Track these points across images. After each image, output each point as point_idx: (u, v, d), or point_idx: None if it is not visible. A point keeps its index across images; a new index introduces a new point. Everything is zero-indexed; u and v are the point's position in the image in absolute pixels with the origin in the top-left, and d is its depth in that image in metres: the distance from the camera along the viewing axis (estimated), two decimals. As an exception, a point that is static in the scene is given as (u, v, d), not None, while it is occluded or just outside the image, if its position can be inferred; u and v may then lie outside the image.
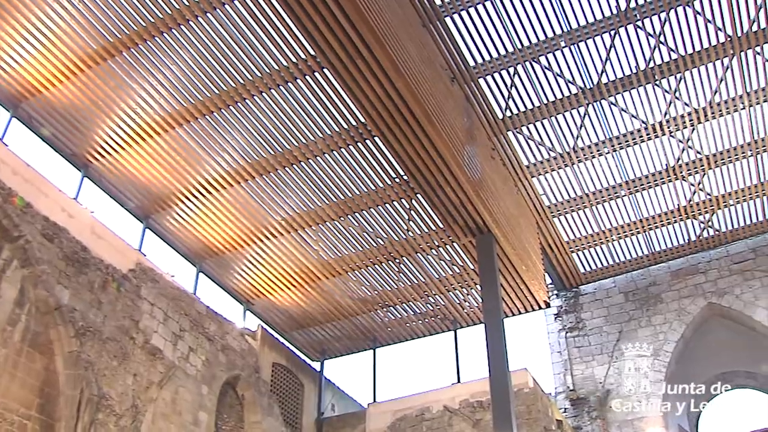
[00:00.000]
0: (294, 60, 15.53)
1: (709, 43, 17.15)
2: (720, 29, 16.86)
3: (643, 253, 23.28)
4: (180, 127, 17.25)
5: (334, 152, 17.58)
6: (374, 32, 12.28)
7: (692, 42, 17.13)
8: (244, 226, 19.63)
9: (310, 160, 17.83)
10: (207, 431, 17.08)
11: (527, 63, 17.43)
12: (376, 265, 20.82)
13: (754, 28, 16.83)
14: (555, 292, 24.31)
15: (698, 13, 16.52)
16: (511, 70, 17.56)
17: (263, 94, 16.39)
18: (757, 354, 21.90)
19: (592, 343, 23.11)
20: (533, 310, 20.41)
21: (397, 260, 20.56)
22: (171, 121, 17.07)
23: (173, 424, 15.89)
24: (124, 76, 16.29)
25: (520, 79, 17.77)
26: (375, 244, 20.17)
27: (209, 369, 17.66)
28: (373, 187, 18.45)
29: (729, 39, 17.03)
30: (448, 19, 16.28)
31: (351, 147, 17.39)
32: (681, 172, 20.31)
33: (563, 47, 17.20)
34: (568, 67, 17.67)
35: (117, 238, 16.48)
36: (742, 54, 17.36)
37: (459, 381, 21.09)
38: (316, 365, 23.98)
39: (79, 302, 14.29)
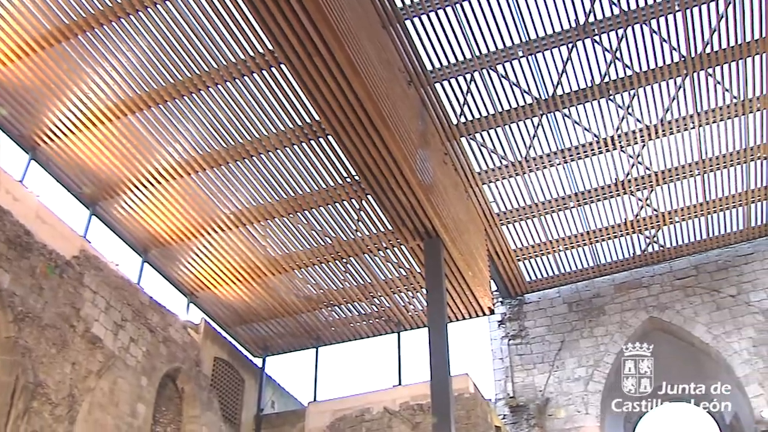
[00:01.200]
0: (251, 54, 15.43)
1: (664, 62, 17.44)
2: (675, 49, 17.14)
3: (588, 264, 23.54)
4: (132, 115, 17.03)
5: (287, 148, 17.51)
6: (334, 30, 12.25)
7: (647, 60, 17.39)
8: (193, 218, 19.45)
9: (262, 155, 17.74)
10: (144, 423, 16.87)
11: (484, 70, 17.53)
12: (323, 264, 20.78)
13: (708, 50, 17.17)
14: (500, 299, 24.47)
15: (655, 31, 16.78)
16: (468, 76, 17.65)
17: (219, 86, 16.26)
18: (695, 369, 22.26)
19: (534, 352, 23.31)
20: (477, 316, 20.57)
21: (344, 260, 20.54)
22: (124, 108, 16.84)
23: (110, 415, 15.67)
24: (78, 60, 16.02)
25: (477, 86, 17.86)
26: (323, 243, 20.13)
27: (150, 360, 17.46)
28: (324, 186, 18.42)
29: (683, 59, 17.32)
30: (408, 22, 16.33)
31: (304, 144, 17.34)
32: (629, 187, 20.57)
33: (521, 57, 17.32)
34: (525, 77, 17.80)
35: (62, 224, 16.18)
36: (695, 75, 17.67)
37: (400, 383, 21.16)
38: (258, 361, 23.86)
39: (19, 287, 13.96)
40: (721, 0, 16.27)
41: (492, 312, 21.01)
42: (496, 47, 17.11)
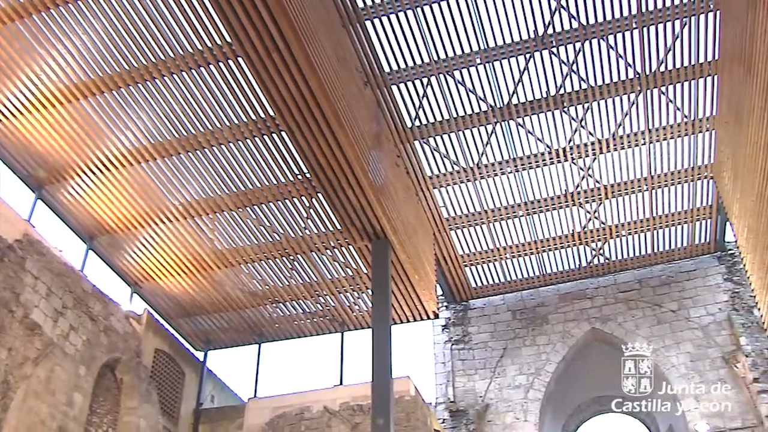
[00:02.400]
0: (209, 45, 15.29)
1: (619, 78, 17.75)
2: (630, 65, 17.42)
3: (534, 274, 23.73)
4: (85, 100, 16.75)
5: (240, 142, 17.39)
6: (293, 26, 12.23)
7: (603, 74, 17.68)
8: (140, 207, 19.20)
9: (214, 148, 17.59)
10: (80, 413, 16.60)
11: (441, 75, 17.62)
12: (270, 260, 20.68)
13: (662, 68, 17.51)
14: (445, 303, 24.55)
15: (611, 47, 17.03)
16: (425, 80, 17.72)
17: (174, 75, 16.08)
18: (633, 381, 22.54)
19: (476, 357, 23.41)
20: (422, 319, 20.64)
21: (291, 257, 20.47)
22: (76, 91, 16.55)
23: (45, 403, 15.38)
24: (32, 40, 15.67)
25: (433, 91, 17.94)
26: (270, 239, 20.04)
27: (89, 349, 17.20)
28: (275, 182, 18.32)
29: (637, 76, 17.61)
30: (368, 23, 16.36)
31: (257, 139, 17.24)
32: (579, 199, 20.79)
33: (478, 64, 17.44)
34: (481, 84, 17.94)
35: (6, 206, 15.87)
36: (648, 92, 17.98)
37: (341, 383, 21.10)
38: (200, 355, 23.63)
39: (-43, 269, 13.73)
40: (677, 21, 16.57)
41: (436, 316, 21.09)
42: (455, 53, 17.22)
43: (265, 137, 17.15)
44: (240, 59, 15.04)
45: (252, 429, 20.48)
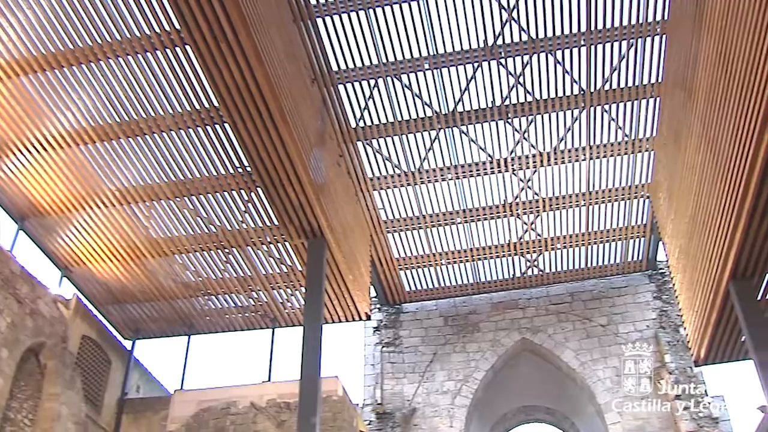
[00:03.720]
0: (157, 30, 15.06)
1: (564, 93, 17.97)
2: (576, 82, 17.68)
3: (468, 281, 23.89)
4: (25, 76, 16.32)
5: (182, 131, 17.19)
6: (243, 17, 12.14)
7: (548, 88, 17.87)
8: (76, 190, 18.85)
9: (155, 134, 17.34)
10: (0, 398, 16.31)
11: (389, 78, 17.67)
12: (205, 252, 20.49)
13: (606, 87, 17.76)
14: (378, 305, 24.56)
15: (559, 62, 17.27)
16: (372, 81, 17.76)
17: (119, 58, 15.81)
18: (559, 392, 22.86)
19: (406, 361, 23.49)
20: (354, 320, 20.59)
21: (227, 250, 20.31)
22: (16, 67, 16.11)
23: (-37, 385, 15.10)
24: (-27, 13, 15.34)
25: (379, 93, 17.98)
26: (206, 231, 19.84)
27: (13, 332, 16.84)
28: (215, 173, 18.15)
29: (582, 92, 17.87)
30: (319, 20, 16.33)
31: (199, 128, 17.05)
32: (516, 210, 21.00)
33: (426, 69, 17.53)
34: (428, 90, 18.03)
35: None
36: (592, 109, 18.29)
37: (270, 380, 21.00)
38: (128, 344, 23.28)
39: None
40: (624, 42, 16.86)
41: (368, 318, 21.07)
42: (404, 56, 17.28)
43: (208, 127, 16.98)
44: (188, 47, 14.88)
45: (176, 421, 20.22)
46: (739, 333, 15.93)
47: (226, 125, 16.36)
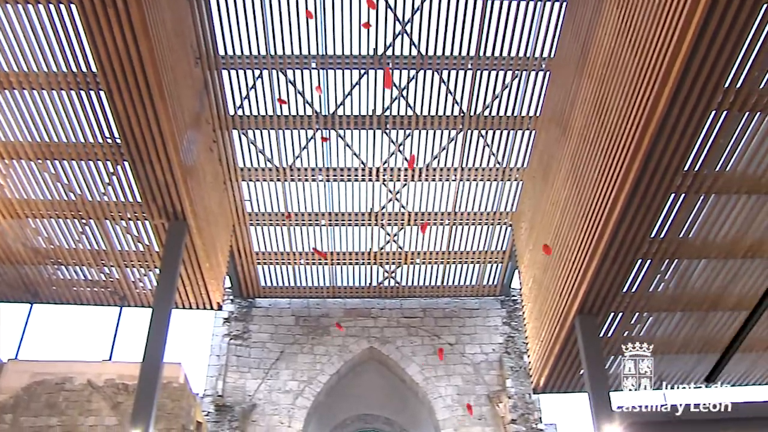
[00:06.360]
0: (41, -17, 14.54)
1: (444, 112, 18.25)
2: (457, 103, 18.05)
3: (324, 284, 23.97)
4: None
5: (54, 91, 16.49)
6: (135, -15, 11.86)
7: (430, 106, 18.12)
8: (-70, 137, 17.97)
9: (25, 91, 16.59)
10: None
11: (274, 71, 17.57)
12: (60, 219, 19.72)
13: (486, 113, 18.16)
14: (231, 297, 24.32)
15: (443, 81, 17.59)
16: (257, 72, 17.66)
17: (-2, 7, 15.18)
18: (400, 404, 23.12)
19: (252, 356, 23.30)
20: (205, 308, 20.31)
21: (83, 221, 19.63)
22: None
23: None
24: None
25: (263, 84, 17.89)
26: (65, 198, 19.10)
27: None
28: (82, 140, 17.47)
29: (462, 115, 18.24)
30: (213, 2, 16.11)
31: (72, 92, 16.40)
32: (381, 220, 21.18)
33: (312, 68, 17.57)
34: (311, 89, 17.97)
35: None
36: (469, 132, 18.62)
37: (111, 359, 20.49)
38: (-35, 305, 22.36)
39: None
40: (510, 72, 17.28)
41: (220, 308, 20.80)
42: (292, 52, 17.28)
43: (82, 92, 16.35)
44: (72, 5, 14.35)
45: (5, 392, 19.42)
46: (579, 366, 16.48)
47: (102, 92, 15.83)
